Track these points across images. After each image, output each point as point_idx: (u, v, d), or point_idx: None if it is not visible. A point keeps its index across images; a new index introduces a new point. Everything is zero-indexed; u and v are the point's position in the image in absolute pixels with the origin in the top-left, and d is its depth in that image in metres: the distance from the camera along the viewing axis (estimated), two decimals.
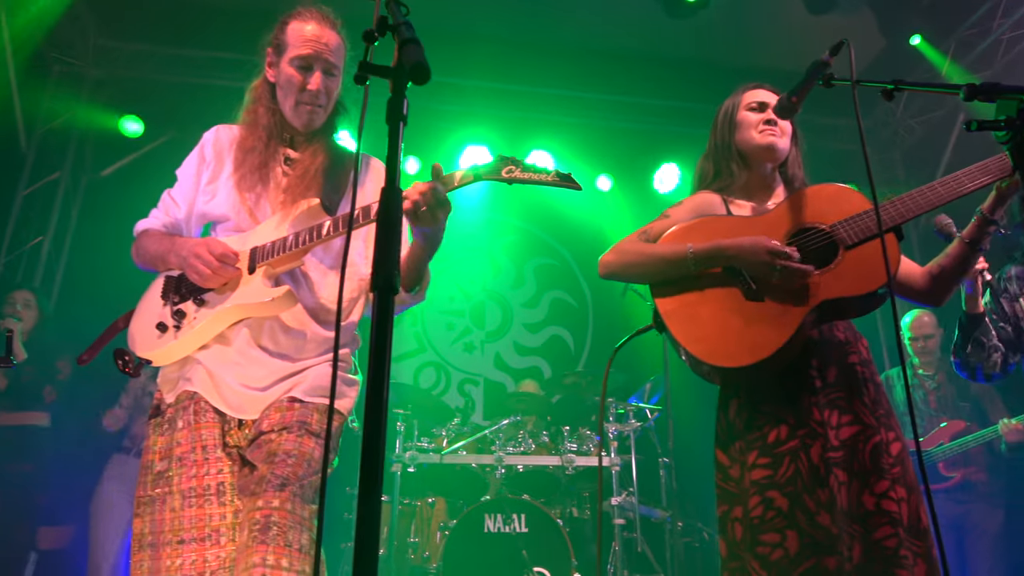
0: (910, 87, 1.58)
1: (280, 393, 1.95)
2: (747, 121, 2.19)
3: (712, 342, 1.88)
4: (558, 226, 6.71)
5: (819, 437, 1.81)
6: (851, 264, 1.86)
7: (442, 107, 6.26)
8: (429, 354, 6.30)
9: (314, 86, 2.06)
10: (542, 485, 4.53)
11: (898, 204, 1.89)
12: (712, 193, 2.18)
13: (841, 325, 2.01)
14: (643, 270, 2.03)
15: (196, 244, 2.00)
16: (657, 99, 6.53)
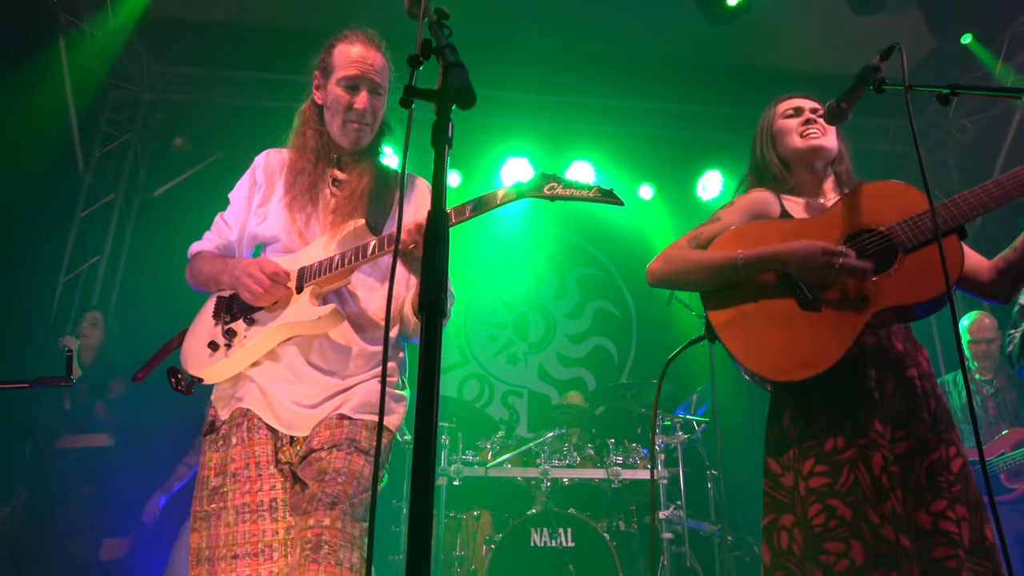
0: (967, 91, 1.53)
1: (330, 410, 1.98)
2: (786, 128, 2.16)
3: (768, 355, 1.82)
4: (600, 235, 6.68)
5: (879, 448, 1.74)
6: (911, 268, 1.78)
7: (483, 119, 6.31)
8: (472, 366, 6.32)
9: (360, 105, 2.10)
10: (588, 499, 4.49)
11: (960, 203, 1.78)
12: (765, 191, 2.14)
13: (900, 334, 1.93)
14: (693, 278, 1.98)
15: (249, 264, 2.05)
16: (698, 105, 6.47)
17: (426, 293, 0.99)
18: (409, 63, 1.08)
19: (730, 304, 1.92)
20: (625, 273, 6.76)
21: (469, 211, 1.89)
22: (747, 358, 1.84)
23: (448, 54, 1.10)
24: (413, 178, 2.32)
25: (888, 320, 1.85)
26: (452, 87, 1.02)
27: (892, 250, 1.83)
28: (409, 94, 1.11)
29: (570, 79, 6.15)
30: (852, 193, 1.95)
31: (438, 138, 1.07)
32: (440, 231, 1.03)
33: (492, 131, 6.35)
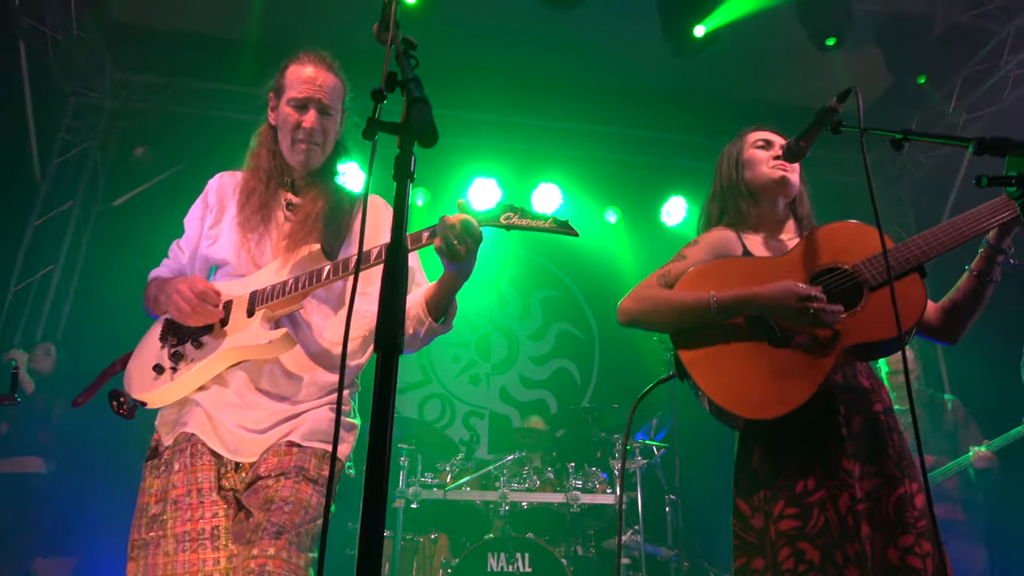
0: (918, 137, 1.57)
1: (278, 437, 1.94)
2: (756, 158, 2.18)
3: (739, 392, 1.83)
4: (565, 258, 6.71)
5: (847, 488, 1.76)
6: (876, 306, 1.81)
7: (452, 140, 6.32)
8: (434, 386, 6.27)
9: (308, 124, 2.08)
10: (547, 523, 4.47)
11: (920, 243, 1.83)
12: (726, 229, 2.15)
13: (864, 371, 1.96)
14: (665, 318, 1.98)
15: (180, 281, 2.01)
16: (664, 133, 6.58)
17: (383, 331, 0.98)
18: (372, 97, 1.08)
19: (700, 342, 1.92)
20: (589, 296, 6.79)
21: (426, 238, 1.88)
22: (719, 396, 1.84)
23: (413, 88, 1.09)
24: (372, 199, 2.29)
25: (854, 358, 1.89)
26: (415, 124, 1.02)
27: (857, 288, 1.86)
28: (372, 127, 1.10)
29: (539, 102, 6.20)
30: (813, 233, 1.99)
31: (400, 172, 1.07)
32: (399, 267, 1.02)
33: (461, 151, 6.36)
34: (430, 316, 1.96)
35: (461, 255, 1.79)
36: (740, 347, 1.88)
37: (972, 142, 1.37)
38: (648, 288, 2.05)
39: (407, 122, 1.04)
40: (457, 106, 6.19)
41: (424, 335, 1.99)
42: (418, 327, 1.98)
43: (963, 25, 5.51)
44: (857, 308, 1.83)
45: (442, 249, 1.79)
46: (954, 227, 1.83)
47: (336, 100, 2.15)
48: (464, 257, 1.80)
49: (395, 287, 1.02)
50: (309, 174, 2.17)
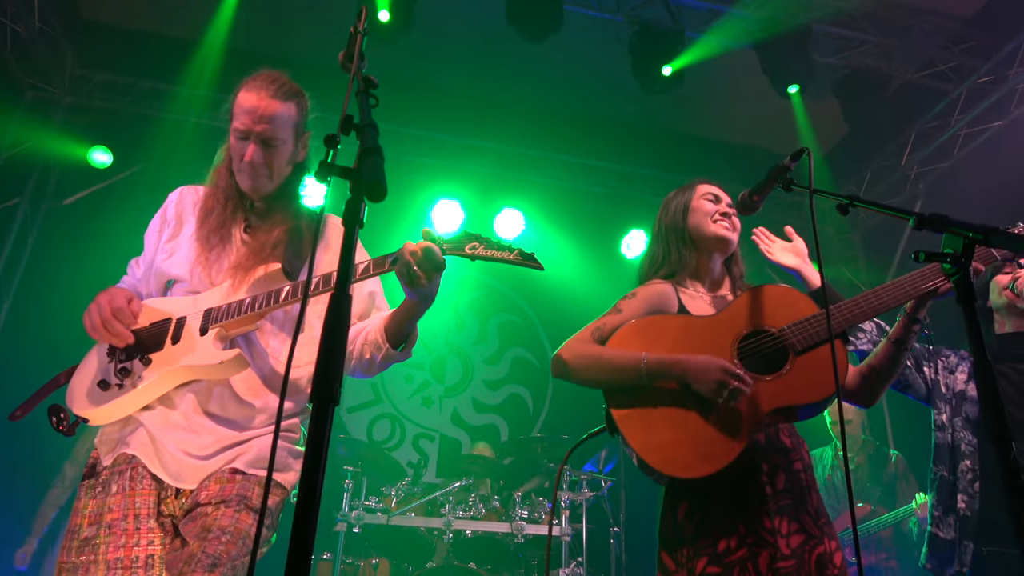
0: (863, 204, 1.63)
1: (223, 463, 1.89)
2: (703, 208, 2.22)
3: (667, 451, 1.86)
4: (524, 284, 6.72)
5: (767, 546, 1.80)
6: (800, 370, 1.87)
7: (417, 159, 6.32)
8: (385, 406, 6.20)
9: (247, 158, 2.01)
10: (490, 552, 4.43)
11: (845, 309, 1.91)
12: (663, 283, 2.17)
13: (786, 429, 2.01)
14: (597, 376, 1.99)
15: (103, 293, 1.96)
16: (629, 166, 6.67)
17: (320, 383, 0.96)
18: (325, 143, 1.07)
19: (631, 398, 1.94)
20: (546, 323, 6.81)
21: (388, 265, 1.86)
22: (647, 453, 1.87)
23: (367, 137, 1.09)
24: (326, 217, 2.26)
25: (779, 419, 1.94)
26: (364, 177, 1.01)
27: (783, 352, 1.91)
28: (324, 170, 1.09)
29: (506, 128, 6.24)
30: (747, 294, 2.04)
31: (349, 218, 1.05)
32: (342, 315, 1.00)
33: (425, 171, 6.36)
34: (388, 343, 1.92)
35: (422, 283, 1.77)
36: (669, 407, 1.91)
37: (913, 216, 1.42)
38: (583, 343, 2.05)
39: (357, 173, 1.03)
40: (425, 126, 6.20)
41: (381, 361, 1.95)
42: (375, 353, 1.95)
43: (917, 83, 5.73)
44: (782, 371, 1.88)
45: (403, 276, 1.77)
46: (878, 296, 1.89)
47: (282, 129, 2.05)
48: (425, 285, 1.78)
49: (335, 337, 1.00)
50: (267, 198, 2.13)
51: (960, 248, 1.30)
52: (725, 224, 2.18)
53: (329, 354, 0.99)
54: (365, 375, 2.04)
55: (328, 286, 1.90)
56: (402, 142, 6.22)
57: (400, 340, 1.96)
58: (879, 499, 4.17)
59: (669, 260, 2.22)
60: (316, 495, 0.93)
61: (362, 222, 1.07)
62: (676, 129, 6.67)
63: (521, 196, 6.51)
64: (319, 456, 0.95)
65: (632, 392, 1.95)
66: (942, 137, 5.97)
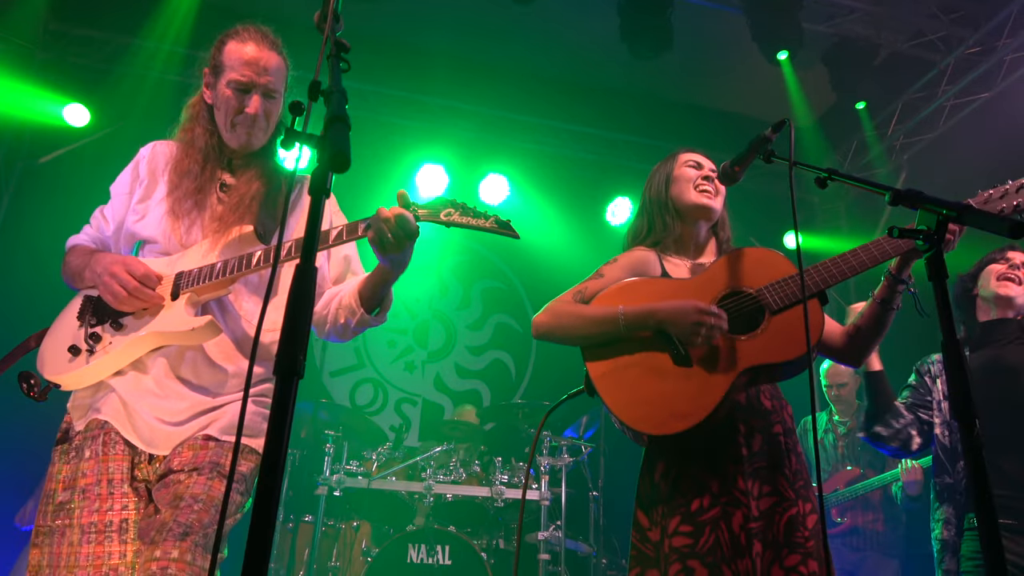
0: (841, 179, 1.62)
1: (196, 429, 1.88)
2: (684, 176, 2.22)
3: (641, 408, 1.88)
4: (508, 250, 6.70)
5: (741, 506, 1.83)
6: (776, 330, 1.89)
7: (401, 122, 6.22)
8: (368, 371, 6.21)
9: (252, 110, 2.00)
10: (470, 516, 4.49)
11: (821, 270, 1.92)
12: (647, 250, 2.19)
13: (768, 392, 2.03)
14: (576, 332, 2.02)
15: (114, 262, 1.92)
16: (616, 132, 6.60)
17: (284, 355, 0.95)
18: (291, 110, 1.04)
19: (608, 357, 1.97)
20: (530, 289, 6.80)
21: (361, 230, 1.85)
22: (622, 411, 1.89)
23: (335, 104, 1.06)
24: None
25: (757, 379, 1.95)
26: (328, 148, 0.98)
27: (760, 312, 1.93)
28: (290, 137, 1.07)
29: (492, 91, 6.15)
30: (727, 257, 2.06)
31: (315, 187, 1.03)
32: (307, 288, 0.99)
33: (409, 134, 6.27)
34: (362, 307, 1.91)
35: (395, 250, 1.76)
36: (645, 364, 1.93)
37: (888, 192, 1.41)
38: (563, 303, 2.09)
39: (323, 139, 1.00)
40: (409, 87, 6.09)
41: (355, 326, 1.95)
42: (349, 317, 1.94)
43: (905, 53, 5.69)
44: (758, 331, 1.90)
45: (376, 242, 1.76)
46: (855, 256, 1.91)
47: (280, 82, 2.05)
48: (398, 252, 1.77)
49: (301, 309, 0.99)
50: (249, 154, 2.10)
51: (934, 225, 1.30)
52: (707, 189, 2.19)
53: (293, 326, 0.98)
54: (340, 339, 2.04)
55: (351, 235, 1.88)
56: (386, 104, 6.13)
57: (374, 305, 1.95)
58: (869, 462, 4.24)
59: (654, 230, 2.24)
60: (279, 466, 0.93)
61: (328, 191, 1.05)
62: (664, 96, 6.60)
63: (506, 161, 6.45)
64: (282, 428, 0.95)
65: (610, 351, 1.97)
66: (929, 108, 5.95)
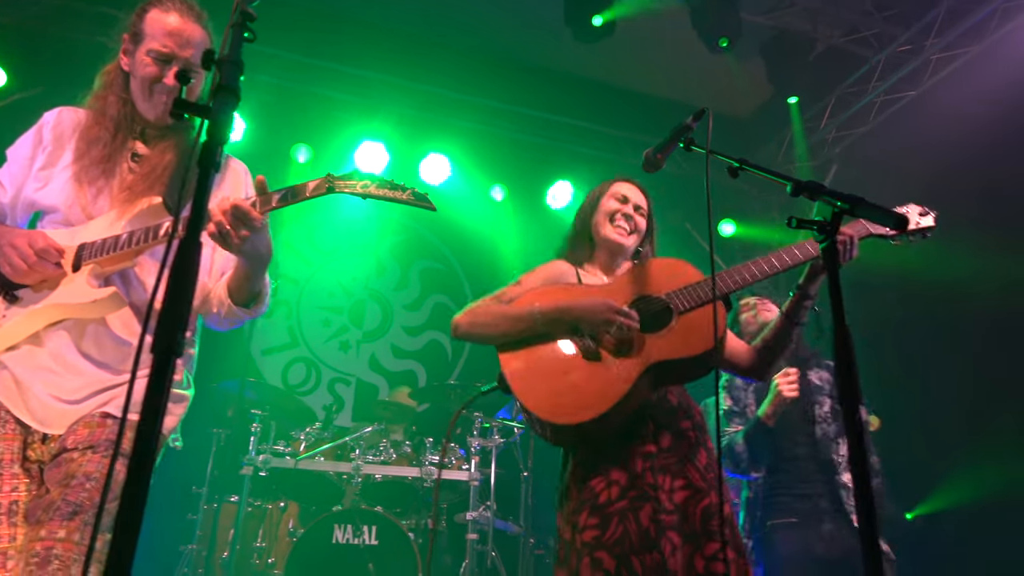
0: (752, 169, 1.66)
1: (94, 407, 1.81)
2: (605, 208, 2.30)
3: (551, 400, 1.93)
4: (448, 231, 6.65)
5: (650, 499, 1.87)
6: (682, 329, 1.98)
7: (340, 96, 6.09)
8: (301, 350, 6.11)
9: (171, 82, 1.92)
10: (399, 496, 4.49)
11: (726, 277, 2.02)
12: (566, 263, 2.29)
13: (675, 391, 2.10)
14: (494, 330, 2.07)
15: (15, 234, 1.83)
16: (558, 115, 6.59)
17: (161, 333, 0.92)
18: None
19: (522, 356, 2.02)
20: (469, 271, 6.78)
21: (276, 201, 1.80)
22: (533, 404, 1.94)
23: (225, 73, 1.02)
24: (227, 159, 2.16)
25: (665, 377, 2.01)
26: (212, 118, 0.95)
27: (669, 313, 2.01)
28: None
29: (435, 68, 6.06)
30: (638, 266, 2.17)
31: (204, 159, 0.99)
32: (189, 264, 0.96)
33: (349, 109, 6.14)
34: (230, 299, 1.89)
35: (234, 243, 1.71)
36: (557, 361, 2.00)
37: (790, 183, 1.45)
38: (483, 304, 2.15)
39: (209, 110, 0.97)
40: (348, 61, 5.95)
41: (226, 317, 1.92)
42: (220, 308, 1.92)
43: (840, 48, 5.83)
44: (664, 330, 1.99)
45: (215, 238, 1.71)
46: (757, 265, 2.02)
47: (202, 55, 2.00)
48: (239, 244, 1.72)
49: (182, 285, 0.96)
50: (164, 126, 2.02)
51: (830, 216, 1.34)
52: (623, 227, 2.26)
53: (173, 303, 0.95)
54: (218, 328, 2.01)
55: None
56: (325, 77, 5.97)
57: (245, 297, 1.91)
58: None
59: (575, 249, 2.34)
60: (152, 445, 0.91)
61: (217, 165, 1.01)
62: (608, 81, 6.61)
63: (448, 140, 6.39)
64: (157, 407, 0.92)
65: (523, 347, 2.02)
66: (860, 103, 6.13)
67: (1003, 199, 4.80)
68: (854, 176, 6.40)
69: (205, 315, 2.01)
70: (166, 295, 0.95)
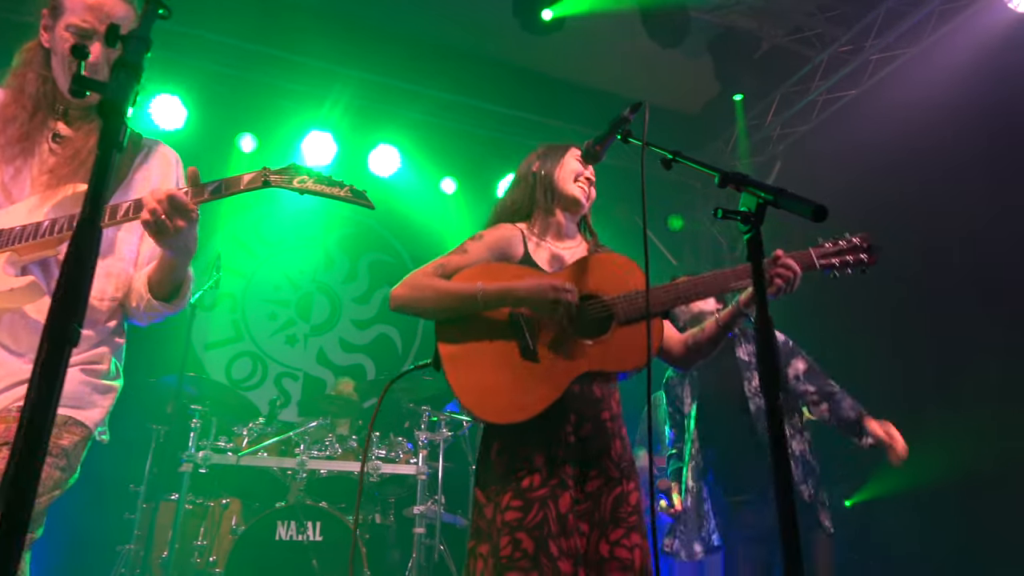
0: (684, 160, 1.67)
1: (11, 400, 1.74)
2: (570, 167, 2.28)
3: (482, 395, 1.92)
4: (398, 223, 6.58)
5: (568, 489, 1.91)
6: (620, 340, 1.98)
7: (287, 85, 5.97)
8: (246, 344, 5.98)
9: (93, 58, 1.85)
10: (345, 491, 4.43)
11: (671, 290, 2.02)
12: (513, 227, 2.22)
13: (599, 380, 2.10)
14: (433, 305, 2.02)
15: None
16: (509, 109, 6.58)
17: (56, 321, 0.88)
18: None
19: (459, 339, 1.99)
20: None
21: (208, 192, 1.75)
22: (465, 395, 1.93)
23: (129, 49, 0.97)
24: (158, 145, 2.09)
25: (595, 379, 2.04)
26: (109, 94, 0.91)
27: (610, 319, 2.01)
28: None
29: (385, 59, 5.99)
30: (587, 259, 2.12)
31: (105, 140, 0.95)
32: (86, 250, 0.92)
33: (297, 99, 6.03)
34: (150, 293, 1.84)
35: (168, 234, 1.66)
36: (494, 351, 1.98)
37: (718, 173, 1.46)
38: (423, 276, 2.08)
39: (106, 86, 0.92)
40: (295, 49, 5.83)
41: (145, 311, 1.86)
42: (139, 302, 1.86)
43: (784, 47, 5.95)
44: (603, 338, 1.99)
45: (148, 227, 1.66)
46: (703, 282, 2.03)
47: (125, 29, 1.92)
48: (172, 236, 1.67)
49: (79, 272, 0.91)
50: (88, 106, 1.94)
51: (754, 207, 1.35)
52: (584, 187, 2.26)
53: (69, 290, 0.91)
54: (138, 323, 1.95)
55: (136, 213, 1.76)
56: (272, 64, 5.84)
57: (167, 291, 1.86)
58: None
59: (536, 204, 2.27)
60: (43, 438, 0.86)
61: (121, 146, 0.97)
62: (560, 76, 6.63)
63: (398, 132, 6.33)
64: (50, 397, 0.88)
65: (463, 331, 1.99)
66: (802, 101, 6.26)
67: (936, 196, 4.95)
68: (797, 173, 6.55)
69: (125, 308, 1.94)
70: (60, 283, 0.90)
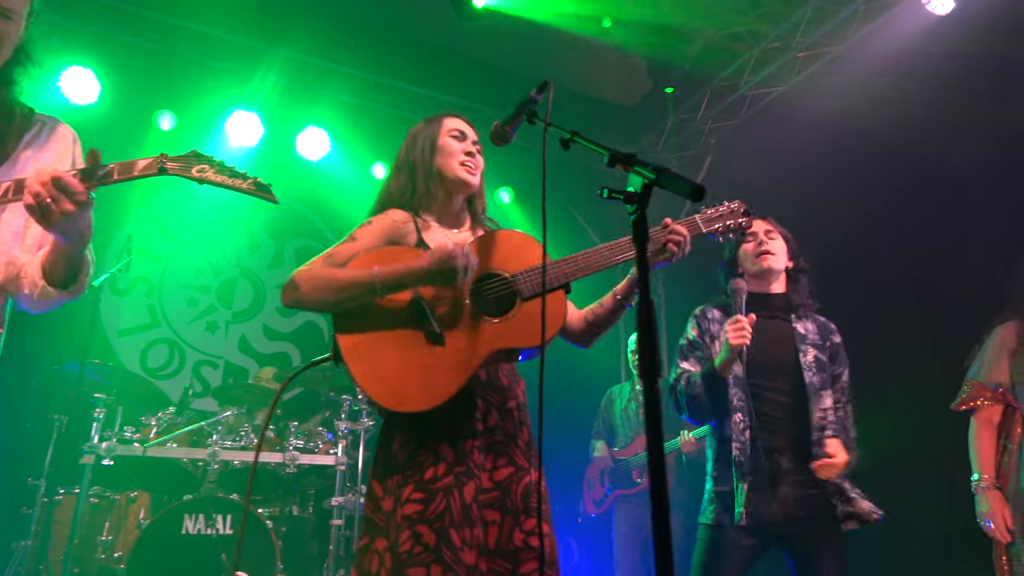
0: (582, 141, 1.64)
1: None
2: (449, 148, 2.19)
3: (388, 384, 1.84)
4: (327, 208, 6.41)
5: (474, 478, 1.86)
6: (524, 316, 1.94)
7: (210, 62, 5.73)
8: (163, 330, 5.73)
9: None
10: (261, 483, 4.30)
11: (570, 263, 1.99)
12: (403, 212, 2.13)
13: (505, 368, 2.07)
14: (327, 297, 1.91)
15: None
16: (442, 94, 6.47)
17: None
18: None
19: (359, 329, 1.90)
20: None
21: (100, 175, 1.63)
22: (369, 385, 1.85)
23: None
24: (55, 123, 1.96)
25: (499, 359, 1.99)
26: None
27: (514, 296, 1.97)
28: None
29: (313, 38, 5.81)
30: (484, 237, 2.07)
31: None
32: None
33: (221, 77, 5.80)
34: (44, 279, 1.73)
35: (54, 220, 1.55)
36: (397, 339, 1.90)
37: (607, 152, 1.44)
38: (313, 268, 1.97)
39: None
40: (219, 24, 5.60)
41: (39, 297, 1.75)
42: (32, 289, 1.75)
43: (716, 43, 6.01)
44: (508, 315, 1.95)
45: (34, 212, 1.55)
46: (599, 253, 2.02)
47: (19, 1, 1.76)
48: (59, 221, 1.56)
49: None
50: None
51: (639, 187, 1.32)
52: (470, 165, 2.19)
53: None
54: (33, 311, 1.83)
55: (17, 194, 1.63)
56: (192, 39, 5.60)
57: (63, 278, 1.74)
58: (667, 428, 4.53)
59: (417, 192, 2.17)
60: None
61: None
62: (496, 63, 6.55)
63: (328, 114, 6.16)
64: None
65: (361, 321, 1.90)
66: (732, 96, 6.35)
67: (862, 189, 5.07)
68: (728, 167, 6.64)
69: (16, 295, 1.81)
70: None
